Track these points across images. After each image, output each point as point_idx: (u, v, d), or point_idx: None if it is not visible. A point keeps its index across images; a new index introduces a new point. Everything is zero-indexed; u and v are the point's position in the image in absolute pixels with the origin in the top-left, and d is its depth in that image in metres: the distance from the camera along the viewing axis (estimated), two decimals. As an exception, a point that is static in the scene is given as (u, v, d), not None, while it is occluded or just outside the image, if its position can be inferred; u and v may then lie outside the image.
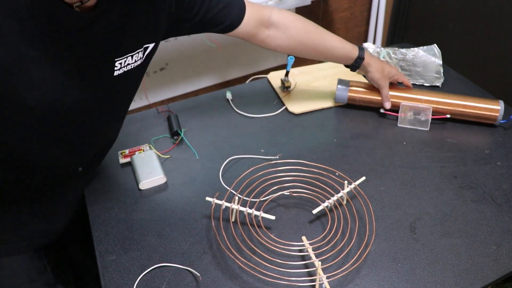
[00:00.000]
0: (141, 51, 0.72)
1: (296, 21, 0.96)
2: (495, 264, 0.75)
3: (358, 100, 1.09)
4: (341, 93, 1.09)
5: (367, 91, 1.08)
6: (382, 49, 1.26)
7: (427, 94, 1.06)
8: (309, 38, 0.97)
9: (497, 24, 1.74)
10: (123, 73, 0.70)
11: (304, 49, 0.98)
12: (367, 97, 1.08)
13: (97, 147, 0.85)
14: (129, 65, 0.71)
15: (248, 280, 0.74)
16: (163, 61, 2.10)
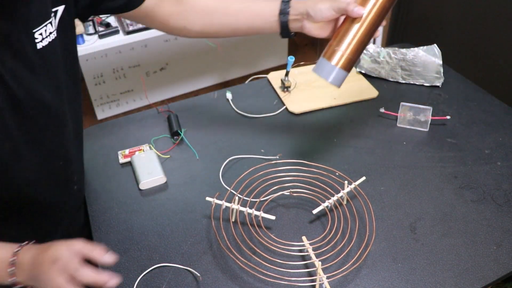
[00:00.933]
0: (51, 21, 0.66)
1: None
2: (495, 264, 0.75)
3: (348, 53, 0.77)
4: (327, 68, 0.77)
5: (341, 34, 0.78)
6: (382, 49, 1.26)
7: None
8: (220, 2, 0.82)
9: (497, 24, 1.74)
10: (47, 45, 0.65)
11: (216, 18, 0.82)
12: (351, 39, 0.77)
13: (60, 142, 0.76)
14: (51, 34, 0.66)
15: (248, 280, 0.74)
16: (163, 61, 2.10)
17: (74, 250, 0.61)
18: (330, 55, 0.76)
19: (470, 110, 1.11)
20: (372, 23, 0.76)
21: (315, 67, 0.78)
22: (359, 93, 1.16)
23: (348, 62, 0.77)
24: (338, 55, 0.76)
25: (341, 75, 0.77)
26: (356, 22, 0.76)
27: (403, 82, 1.21)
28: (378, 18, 0.77)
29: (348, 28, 0.76)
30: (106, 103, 2.04)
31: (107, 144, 1.03)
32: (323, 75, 0.77)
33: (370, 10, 0.76)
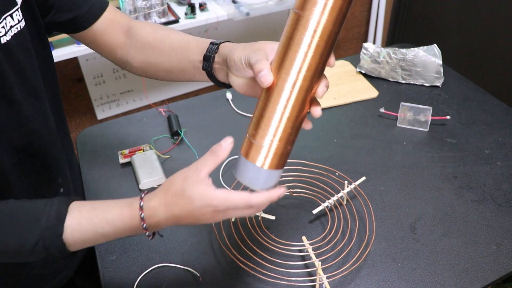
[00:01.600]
0: (18, 8, 0.62)
1: (150, 25, 0.76)
2: (495, 264, 0.75)
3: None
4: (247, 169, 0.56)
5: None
6: (382, 49, 1.26)
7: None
8: (158, 36, 0.73)
9: (497, 24, 1.74)
10: (11, 38, 0.61)
11: (152, 54, 0.72)
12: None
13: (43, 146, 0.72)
14: (14, 27, 0.61)
15: (248, 280, 0.74)
16: (163, 61, 2.11)
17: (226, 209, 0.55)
18: (250, 151, 0.54)
19: (470, 110, 1.11)
20: (299, 95, 0.51)
21: (235, 168, 0.57)
22: (359, 93, 1.16)
23: (279, 157, 0.53)
24: (263, 152, 0.53)
25: (272, 176, 0.54)
26: (274, 94, 0.51)
27: (403, 82, 1.21)
28: (306, 85, 0.51)
29: (266, 101, 0.52)
30: (106, 103, 2.04)
31: (107, 144, 1.03)
32: (247, 182, 0.55)
33: (289, 77, 0.50)
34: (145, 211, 0.57)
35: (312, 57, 0.49)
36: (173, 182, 0.58)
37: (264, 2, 1.67)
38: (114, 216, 0.57)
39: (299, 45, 0.49)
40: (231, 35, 2.15)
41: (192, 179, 0.56)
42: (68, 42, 1.47)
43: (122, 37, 0.75)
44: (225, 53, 0.62)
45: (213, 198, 0.54)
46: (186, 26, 1.64)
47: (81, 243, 0.58)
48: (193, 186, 0.56)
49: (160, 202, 0.57)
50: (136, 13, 1.56)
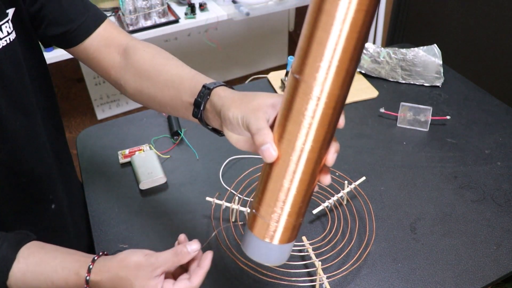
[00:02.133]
0: (8, 20, 0.61)
1: (149, 49, 0.70)
2: (495, 264, 0.75)
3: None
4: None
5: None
6: (382, 49, 1.26)
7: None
8: (154, 65, 0.67)
9: (497, 24, 1.74)
10: (1, 50, 0.60)
11: (146, 83, 0.67)
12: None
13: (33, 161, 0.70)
14: (3, 39, 0.60)
15: (248, 280, 0.74)
16: (163, 61, 2.11)
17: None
18: (259, 227, 0.48)
19: (470, 110, 1.11)
20: (305, 171, 0.45)
21: (243, 243, 0.51)
22: (359, 93, 1.16)
23: (291, 231, 0.48)
24: (272, 229, 0.47)
25: (285, 250, 0.50)
26: (278, 168, 0.46)
27: (403, 82, 1.21)
28: (313, 161, 0.45)
29: (270, 175, 0.47)
30: (106, 103, 2.04)
31: (107, 144, 1.03)
32: (259, 259, 0.50)
33: (294, 151, 0.45)
34: (90, 286, 0.56)
35: (318, 129, 0.43)
36: (125, 266, 0.55)
37: (264, 2, 1.67)
38: (59, 281, 0.56)
39: (302, 116, 0.43)
40: (231, 35, 2.15)
41: (144, 272, 0.54)
42: (68, 42, 1.47)
43: (118, 58, 0.70)
44: (218, 105, 0.56)
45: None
46: (186, 26, 1.64)
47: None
48: (142, 281, 0.54)
49: (106, 281, 0.55)
50: (136, 13, 1.56)
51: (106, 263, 0.56)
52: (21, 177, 0.68)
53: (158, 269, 0.54)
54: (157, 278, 0.54)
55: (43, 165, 0.72)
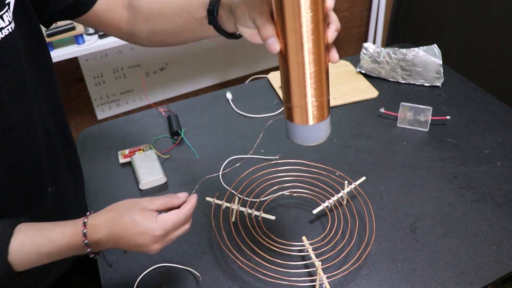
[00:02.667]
0: (8, 9, 0.61)
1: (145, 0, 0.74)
2: (495, 264, 0.75)
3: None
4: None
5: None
6: (382, 49, 1.26)
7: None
8: (160, 4, 0.72)
9: (497, 24, 1.74)
10: (1, 40, 0.59)
11: (157, 22, 0.72)
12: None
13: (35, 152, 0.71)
14: (4, 28, 0.60)
15: (248, 280, 0.74)
16: (163, 61, 2.10)
17: (164, 228, 0.59)
18: (291, 114, 0.56)
19: (470, 110, 1.11)
20: (310, 53, 0.51)
21: (287, 133, 0.58)
22: (359, 93, 1.16)
23: (320, 109, 0.54)
24: (302, 112, 0.55)
25: (320, 128, 0.56)
26: (288, 56, 0.52)
27: (403, 82, 1.21)
28: (314, 41, 0.50)
29: (285, 65, 0.54)
30: (106, 103, 2.04)
31: (107, 144, 1.03)
32: (301, 141, 0.57)
33: (296, 37, 0.50)
34: (88, 228, 0.58)
35: (311, 13, 0.48)
36: (121, 203, 0.60)
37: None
38: (58, 235, 0.58)
39: (291, 10, 0.48)
40: (231, 35, 2.15)
41: (140, 205, 0.59)
42: (68, 42, 1.47)
43: (125, 12, 0.74)
44: (228, 4, 0.60)
45: (154, 229, 0.58)
46: (186, 26, 1.64)
47: (26, 264, 0.59)
48: (139, 211, 0.58)
49: (103, 219, 0.59)
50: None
51: (100, 210, 0.61)
52: (27, 163, 0.69)
53: (152, 204, 0.60)
54: (150, 212, 0.59)
55: (49, 151, 0.73)
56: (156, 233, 0.58)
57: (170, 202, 0.61)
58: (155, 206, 0.60)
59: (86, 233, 0.58)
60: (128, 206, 0.60)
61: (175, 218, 0.60)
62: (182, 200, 0.62)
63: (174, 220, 0.60)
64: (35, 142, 0.70)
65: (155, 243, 0.59)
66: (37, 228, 0.60)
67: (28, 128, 0.68)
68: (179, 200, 0.62)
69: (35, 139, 0.69)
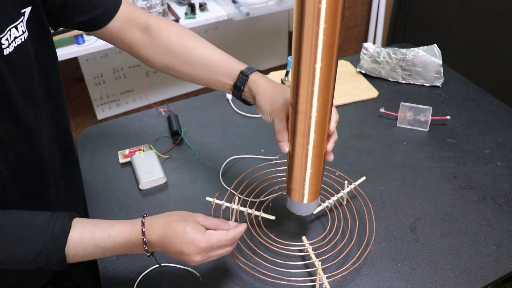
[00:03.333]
0: (23, 19, 0.63)
1: (172, 27, 0.77)
2: (495, 264, 0.75)
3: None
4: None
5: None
6: (382, 49, 1.26)
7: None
8: (183, 46, 0.75)
9: (497, 24, 1.74)
10: (14, 50, 0.61)
11: (177, 62, 0.76)
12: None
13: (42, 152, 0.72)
14: (18, 38, 0.62)
15: (248, 280, 0.74)
16: (163, 61, 2.11)
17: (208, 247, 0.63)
18: (291, 194, 0.71)
19: (470, 110, 1.11)
20: (313, 155, 0.64)
21: (288, 206, 0.74)
22: (359, 93, 1.16)
23: (313, 194, 0.70)
24: (299, 195, 0.70)
25: (311, 205, 0.72)
26: (295, 155, 0.65)
27: (403, 82, 1.21)
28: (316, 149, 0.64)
29: (291, 159, 0.67)
30: (106, 103, 2.04)
31: (107, 144, 1.03)
32: (296, 211, 0.73)
33: (302, 148, 0.64)
34: (146, 227, 0.63)
35: (315, 133, 0.61)
36: (178, 212, 0.66)
37: (264, 2, 1.67)
38: (116, 232, 0.62)
39: (301, 133, 0.62)
40: (231, 35, 2.15)
41: (194, 218, 0.65)
42: (68, 42, 1.47)
43: (140, 35, 0.76)
44: (253, 91, 0.71)
45: (200, 240, 0.62)
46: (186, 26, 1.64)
47: (80, 256, 0.61)
48: (192, 223, 0.64)
49: (159, 222, 0.64)
50: (136, 13, 1.56)
51: (158, 215, 0.65)
52: (31, 164, 0.71)
53: (204, 221, 0.65)
54: (202, 228, 0.64)
55: (50, 154, 0.74)
56: (201, 244, 0.62)
57: (221, 225, 0.66)
58: (207, 223, 0.65)
59: (144, 231, 0.62)
60: (184, 216, 0.64)
61: (221, 236, 0.64)
62: (228, 227, 0.66)
63: (219, 238, 0.64)
64: (41, 144, 0.71)
65: (198, 254, 0.62)
66: (95, 223, 0.63)
67: (36, 131, 0.69)
68: (229, 226, 0.66)
69: (41, 141, 0.71)
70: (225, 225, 0.66)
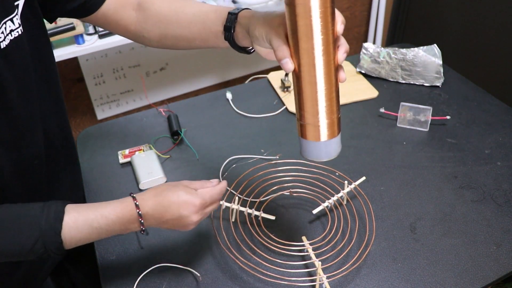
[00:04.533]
0: (18, 12, 0.63)
1: (156, 3, 0.75)
2: (495, 264, 0.75)
3: None
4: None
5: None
6: (382, 49, 1.26)
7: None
8: (173, 10, 0.73)
9: (497, 24, 1.74)
10: (10, 43, 0.61)
11: (169, 27, 0.74)
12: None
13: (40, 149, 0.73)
14: (14, 31, 0.61)
15: (248, 280, 0.74)
16: (163, 61, 2.10)
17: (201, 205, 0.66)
18: (304, 132, 0.59)
19: (470, 110, 1.11)
20: (322, 72, 0.55)
21: (300, 150, 0.62)
22: (359, 93, 1.16)
23: (331, 127, 0.58)
24: (314, 129, 0.58)
25: (332, 145, 0.60)
26: (301, 77, 0.56)
27: (403, 82, 1.21)
28: (324, 63, 0.54)
29: (298, 84, 0.57)
30: (106, 103, 2.04)
31: (107, 144, 1.03)
32: (313, 158, 0.61)
33: (309, 59, 0.54)
34: (138, 201, 0.64)
35: (321, 33, 0.52)
36: (164, 183, 0.68)
37: (264, 2, 1.67)
38: (109, 211, 0.63)
39: (305, 34, 0.53)
40: (231, 35, 2.15)
41: (182, 184, 0.68)
42: (68, 42, 1.47)
43: (134, 14, 0.75)
44: (246, 24, 0.64)
45: (195, 198, 0.65)
46: (186, 26, 1.64)
47: (76, 240, 0.61)
48: (182, 187, 0.66)
49: (150, 194, 0.65)
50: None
51: (144, 197, 0.65)
52: (33, 159, 0.71)
53: (193, 184, 0.69)
54: (192, 190, 0.67)
55: (49, 150, 0.75)
56: (197, 202, 0.65)
57: (206, 183, 0.70)
58: (193, 185, 0.69)
59: (138, 204, 0.63)
60: (171, 184, 0.67)
61: (212, 191, 0.68)
62: (213, 184, 0.70)
63: (211, 193, 0.67)
64: (40, 140, 0.71)
65: (196, 213, 0.65)
66: (87, 206, 0.63)
67: (34, 127, 0.69)
68: (212, 183, 0.70)
69: (39, 137, 0.71)
70: (209, 183, 0.70)
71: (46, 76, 0.71)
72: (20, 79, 0.64)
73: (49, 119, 0.74)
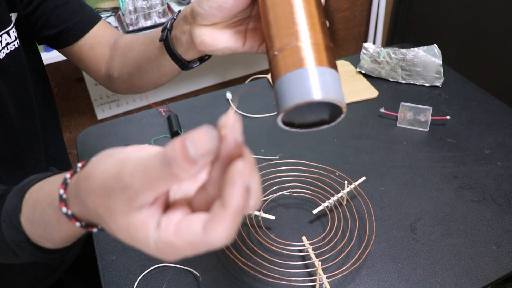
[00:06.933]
0: (13, 25, 0.62)
1: (130, 35, 0.71)
2: (495, 264, 0.75)
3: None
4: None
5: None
6: (382, 49, 1.26)
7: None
8: (134, 37, 0.68)
9: (497, 24, 1.74)
10: (6, 56, 0.60)
11: (127, 57, 0.67)
12: None
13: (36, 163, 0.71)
14: (10, 44, 0.60)
15: (248, 280, 0.74)
16: (163, 61, 2.11)
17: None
18: (286, 62, 0.38)
19: (470, 110, 1.11)
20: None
21: (283, 98, 0.38)
22: (359, 93, 1.16)
23: (322, 50, 0.39)
24: (299, 49, 0.38)
25: (325, 74, 0.37)
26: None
27: (403, 82, 1.21)
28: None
29: (264, 7, 0.42)
30: (106, 103, 2.04)
31: (107, 144, 1.03)
32: (303, 98, 0.36)
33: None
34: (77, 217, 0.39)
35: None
36: (91, 191, 0.37)
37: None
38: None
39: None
40: (231, 35, 2.15)
41: (117, 202, 0.32)
42: (68, 42, 1.47)
43: (108, 52, 0.71)
44: (186, 9, 0.52)
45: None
46: (186, 26, 1.64)
47: (35, 234, 0.44)
48: (118, 219, 0.35)
49: (81, 215, 0.39)
50: (136, 13, 1.56)
51: (74, 187, 0.38)
52: (19, 171, 0.69)
53: (137, 197, 0.30)
54: (141, 212, 0.30)
55: (36, 163, 0.73)
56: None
57: (168, 176, 0.40)
58: (142, 198, 0.33)
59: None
60: (101, 202, 0.36)
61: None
62: (193, 167, 0.30)
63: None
64: (37, 147, 0.70)
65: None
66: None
67: (31, 136, 0.68)
68: (185, 163, 0.37)
69: (37, 145, 0.70)
70: (174, 166, 0.53)
71: (42, 90, 0.71)
72: (18, 92, 0.63)
73: (49, 135, 0.73)
